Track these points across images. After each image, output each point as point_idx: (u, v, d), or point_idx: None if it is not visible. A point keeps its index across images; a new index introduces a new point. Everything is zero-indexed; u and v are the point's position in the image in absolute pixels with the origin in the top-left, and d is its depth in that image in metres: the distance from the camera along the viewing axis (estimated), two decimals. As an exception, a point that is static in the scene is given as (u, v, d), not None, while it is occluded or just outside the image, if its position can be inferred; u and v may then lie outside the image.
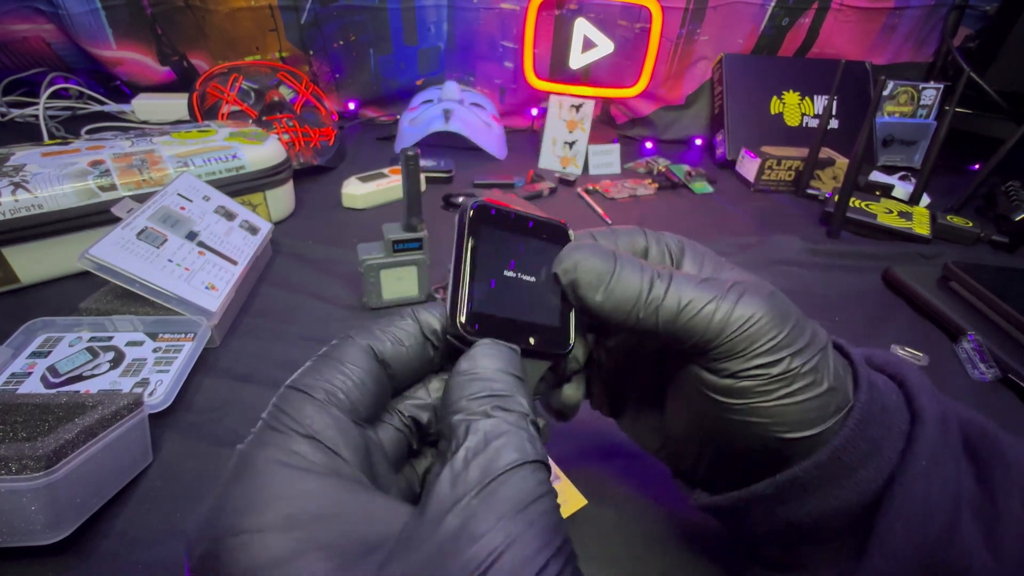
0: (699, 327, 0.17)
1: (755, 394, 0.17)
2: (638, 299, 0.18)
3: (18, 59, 0.92)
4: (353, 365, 0.17)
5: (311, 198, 0.74)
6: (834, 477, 0.18)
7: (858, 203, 0.76)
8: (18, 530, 0.27)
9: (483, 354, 0.17)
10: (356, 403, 0.16)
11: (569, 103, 0.89)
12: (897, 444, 0.18)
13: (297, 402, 0.16)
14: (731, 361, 0.17)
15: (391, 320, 0.19)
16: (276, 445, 0.15)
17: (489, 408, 0.15)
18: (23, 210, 0.48)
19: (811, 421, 0.18)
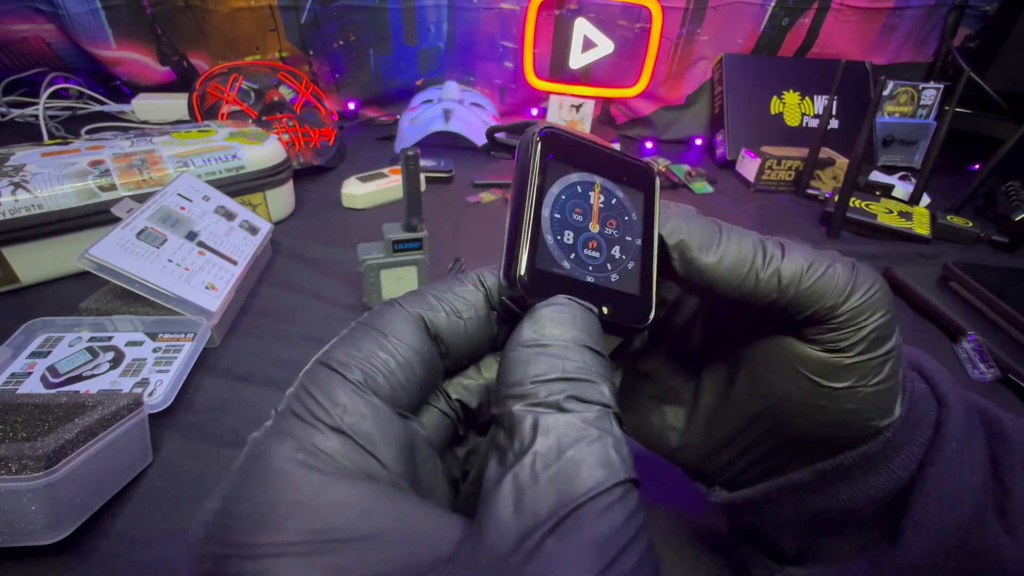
0: (823, 291, 0.16)
1: (859, 374, 0.17)
2: (754, 261, 0.16)
3: (18, 59, 0.92)
4: (399, 340, 0.14)
5: (311, 198, 0.74)
6: (872, 465, 0.18)
7: (858, 203, 0.76)
8: (18, 530, 0.27)
9: (553, 318, 0.14)
10: (399, 388, 0.13)
11: (569, 103, 0.89)
12: (927, 431, 0.18)
13: (328, 383, 0.13)
14: (846, 333, 0.16)
15: (448, 285, 0.16)
16: (298, 438, 0.12)
17: (563, 399, 0.12)
18: (23, 210, 0.48)
19: (890, 408, 0.17)
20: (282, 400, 0.13)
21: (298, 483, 0.11)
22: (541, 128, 0.16)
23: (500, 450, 0.12)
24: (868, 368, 0.17)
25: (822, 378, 0.17)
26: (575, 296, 0.15)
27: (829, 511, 0.19)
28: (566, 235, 0.16)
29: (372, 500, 0.11)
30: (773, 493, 0.20)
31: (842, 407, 0.17)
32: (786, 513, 0.21)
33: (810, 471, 0.19)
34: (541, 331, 0.13)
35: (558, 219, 0.16)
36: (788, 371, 0.18)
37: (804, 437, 0.19)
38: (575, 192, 0.16)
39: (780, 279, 0.16)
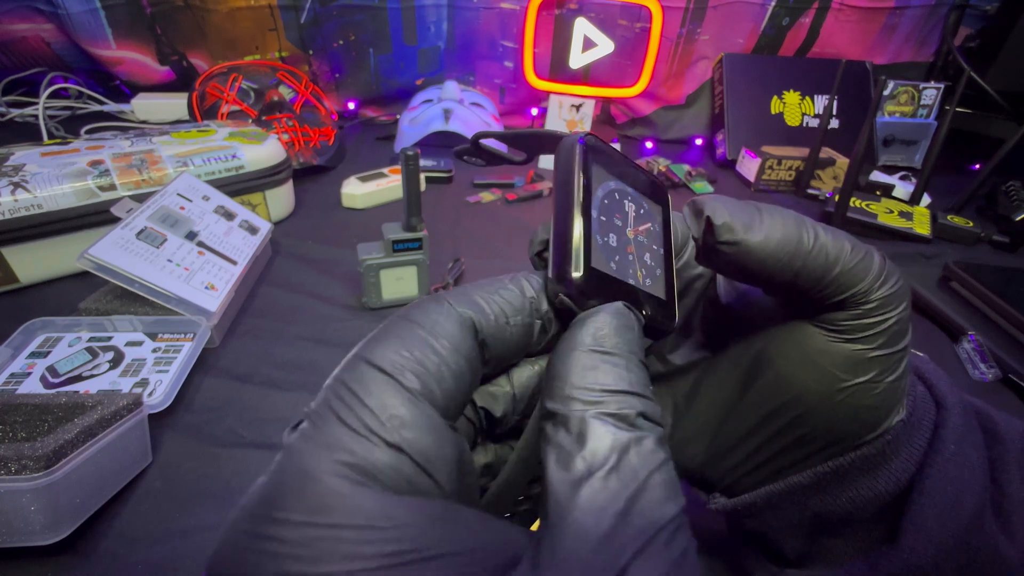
0: (864, 273, 0.15)
1: (881, 369, 0.16)
2: (800, 238, 0.15)
3: (18, 59, 0.92)
4: (449, 344, 0.13)
5: (311, 198, 0.73)
6: (872, 467, 0.18)
7: (858, 203, 0.76)
8: (18, 530, 0.27)
9: (615, 325, 0.13)
10: (451, 399, 0.13)
11: (569, 103, 0.89)
12: (926, 433, 0.18)
13: (380, 390, 0.12)
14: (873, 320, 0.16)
15: (495, 287, 0.15)
16: (349, 451, 0.11)
17: (633, 415, 0.12)
18: (22, 210, 0.47)
19: (899, 406, 0.17)
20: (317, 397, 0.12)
21: (358, 503, 0.10)
22: (581, 135, 0.16)
23: (564, 453, 0.12)
24: (888, 363, 0.16)
25: (844, 372, 0.17)
26: (622, 299, 0.15)
27: (829, 513, 0.19)
28: (611, 238, 0.16)
29: (436, 517, 0.11)
30: (774, 497, 0.20)
31: (859, 403, 0.17)
32: (786, 516, 0.21)
33: (810, 474, 0.19)
34: (603, 337, 0.13)
35: (604, 221, 0.16)
36: (808, 366, 0.18)
37: (818, 434, 0.19)
38: (613, 198, 0.16)
39: (828, 256, 0.15)
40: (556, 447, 0.12)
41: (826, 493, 0.19)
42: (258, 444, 0.37)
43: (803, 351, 0.18)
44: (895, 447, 0.18)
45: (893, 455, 0.18)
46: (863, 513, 0.19)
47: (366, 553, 0.10)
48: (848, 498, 0.19)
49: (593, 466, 0.11)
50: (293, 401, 0.40)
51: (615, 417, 0.12)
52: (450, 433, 0.12)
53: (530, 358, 0.17)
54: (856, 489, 0.18)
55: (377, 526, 0.10)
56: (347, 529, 0.10)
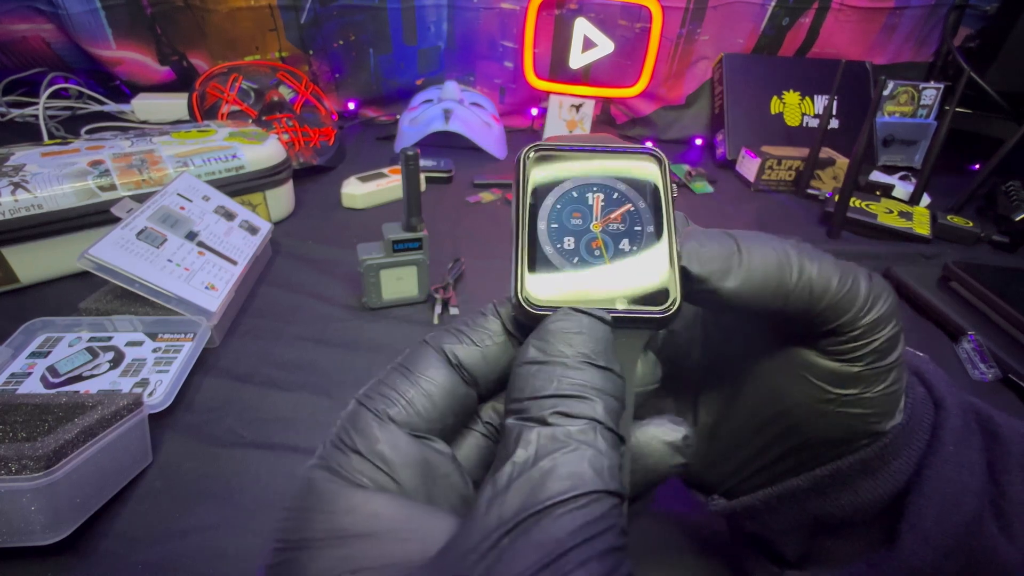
0: (849, 305, 0.16)
1: (867, 382, 0.17)
2: (781, 277, 0.15)
3: (18, 59, 0.92)
4: (419, 373, 0.16)
5: (311, 198, 0.74)
6: (871, 470, 0.18)
7: (858, 203, 0.76)
8: (18, 530, 0.27)
9: (556, 332, 0.14)
10: (415, 415, 0.15)
11: (569, 103, 0.89)
12: (924, 435, 0.18)
13: (354, 416, 0.15)
14: (860, 344, 0.16)
15: (471, 318, 0.17)
16: (328, 459, 0.15)
17: (548, 414, 0.13)
18: (23, 210, 0.48)
19: (894, 411, 0.18)
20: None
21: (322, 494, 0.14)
22: (530, 146, 0.16)
23: (497, 459, 0.13)
24: (876, 376, 0.17)
25: (831, 386, 0.17)
26: (587, 297, 0.15)
27: (829, 516, 0.19)
28: (566, 241, 0.16)
29: (383, 506, 0.13)
30: (773, 500, 0.20)
31: (849, 412, 0.17)
32: (786, 519, 0.21)
33: (808, 477, 0.19)
34: (545, 347, 0.14)
35: (555, 228, 0.16)
36: (797, 379, 0.18)
37: (811, 442, 0.19)
38: (571, 199, 0.16)
39: (812, 292, 0.16)
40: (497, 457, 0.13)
41: (825, 496, 0.19)
42: (258, 444, 0.37)
43: (791, 369, 0.18)
44: (893, 450, 0.18)
45: (892, 457, 0.18)
46: (863, 515, 0.19)
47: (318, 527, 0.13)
48: (847, 501, 0.19)
49: (499, 465, 0.13)
50: (293, 401, 0.40)
51: (531, 420, 0.13)
52: (412, 442, 0.15)
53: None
54: (855, 492, 0.18)
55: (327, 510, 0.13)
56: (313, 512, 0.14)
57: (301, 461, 0.35)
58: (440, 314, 0.51)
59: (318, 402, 0.40)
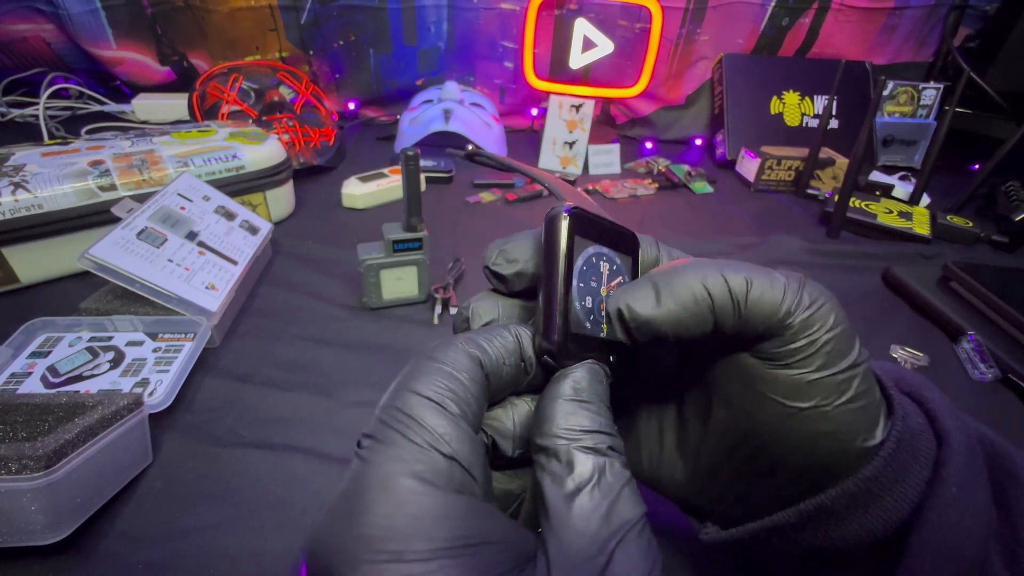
0: (770, 304, 0.16)
1: (823, 392, 0.17)
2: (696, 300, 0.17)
3: (18, 59, 0.92)
4: (468, 377, 0.16)
5: (311, 198, 0.74)
6: (860, 504, 0.17)
7: (858, 203, 0.76)
8: (18, 530, 0.27)
9: (587, 379, 0.17)
10: (476, 418, 0.16)
11: (569, 103, 0.89)
12: (924, 471, 0.18)
13: (430, 414, 0.15)
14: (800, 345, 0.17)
15: (493, 333, 0.18)
16: (416, 461, 0.14)
17: (605, 448, 0.16)
18: (23, 210, 0.48)
19: (869, 430, 0.17)
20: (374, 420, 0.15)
21: (432, 500, 0.14)
22: (566, 207, 0.18)
23: (555, 476, 0.15)
24: (832, 385, 0.17)
25: (787, 399, 0.17)
26: (595, 350, 0.18)
27: (821, 549, 0.19)
28: (587, 300, 0.19)
29: (477, 516, 0.14)
30: (762, 534, 0.20)
31: (815, 429, 0.17)
32: (778, 550, 0.20)
33: (794, 512, 0.18)
34: (580, 390, 0.17)
35: (581, 287, 0.18)
36: (757, 397, 0.18)
37: (784, 465, 0.19)
38: (591, 263, 0.19)
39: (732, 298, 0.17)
40: (550, 472, 0.15)
41: (815, 531, 0.18)
42: (258, 444, 0.37)
43: (745, 382, 0.18)
44: (882, 484, 0.17)
45: (884, 493, 0.17)
46: (858, 549, 0.18)
47: (439, 536, 0.13)
48: (838, 535, 0.18)
49: (580, 484, 0.15)
50: (293, 401, 0.40)
51: (592, 449, 0.16)
52: (480, 444, 0.16)
53: (516, 396, 0.20)
54: (845, 527, 0.18)
55: (445, 516, 0.13)
56: (427, 518, 0.13)
57: (301, 461, 0.35)
58: (440, 314, 0.51)
59: (318, 402, 0.40)
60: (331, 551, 0.13)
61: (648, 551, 0.15)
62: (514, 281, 0.20)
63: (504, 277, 0.20)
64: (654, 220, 0.76)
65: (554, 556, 0.14)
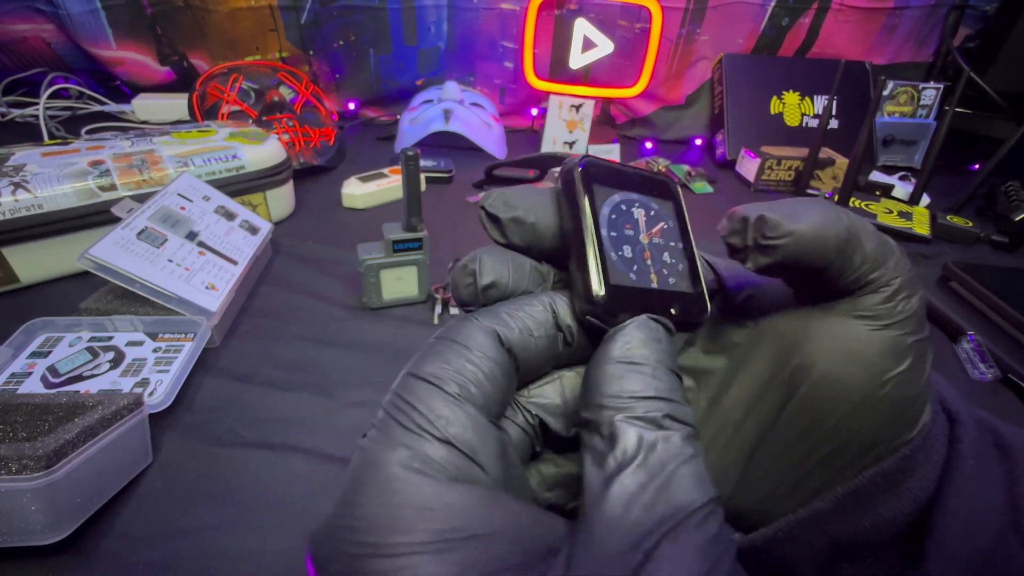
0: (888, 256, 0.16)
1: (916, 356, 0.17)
2: (838, 221, 0.16)
3: (18, 59, 0.92)
4: (481, 352, 0.15)
5: (311, 198, 0.74)
6: (890, 487, 0.17)
7: (858, 203, 0.76)
8: (18, 530, 0.27)
9: (640, 338, 0.15)
10: (489, 398, 0.14)
11: (569, 103, 0.89)
12: (942, 448, 0.18)
13: (427, 396, 0.14)
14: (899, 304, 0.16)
15: (519, 304, 0.16)
16: (409, 448, 0.13)
17: (660, 416, 0.13)
18: (23, 210, 0.48)
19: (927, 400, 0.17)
20: (379, 411, 0.14)
21: (417, 489, 0.12)
22: (579, 159, 0.17)
23: (597, 454, 0.13)
24: (922, 349, 0.16)
25: (888, 361, 0.17)
26: (646, 304, 0.16)
27: (849, 538, 0.19)
28: (625, 249, 0.17)
29: (482, 502, 0.13)
30: (795, 527, 0.19)
31: (901, 395, 0.17)
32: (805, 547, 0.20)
33: (830, 497, 0.18)
34: (631, 350, 0.15)
35: (615, 236, 0.17)
36: (852, 360, 0.17)
37: (858, 438, 0.18)
38: (620, 210, 0.18)
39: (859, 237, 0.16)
40: (591, 449, 0.14)
41: (845, 518, 0.18)
42: (258, 444, 0.37)
43: (844, 345, 0.17)
44: (912, 462, 0.17)
45: (911, 472, 0.17)
46: (881, 536, 0.18)
47: (423, 528, 0.12)
48: (868, 522, 0.18)
49: (623, 463, 0.13)
50: (293, 401, 0.40)
51: (642, 420, 0.13)
52: (491, 428, 0.14)
53: (561, 369, 0.18)
54: (875, 511, 0.18)
55: (431, 508, 0.12)
56: (408, 509, 0.12)
57: (302, 461, 0.35)
58: (440, 314, 0.51)
59: (318, 402, 0.40)
60: (322, 543, 0.13)
61: (710, 547, 0.12)
62: (510, 227, 0.18)
63: (499, 220, 0.18)
64: (654, 220, 0.76)
65: (579, 549, 0.12)
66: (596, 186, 0.17)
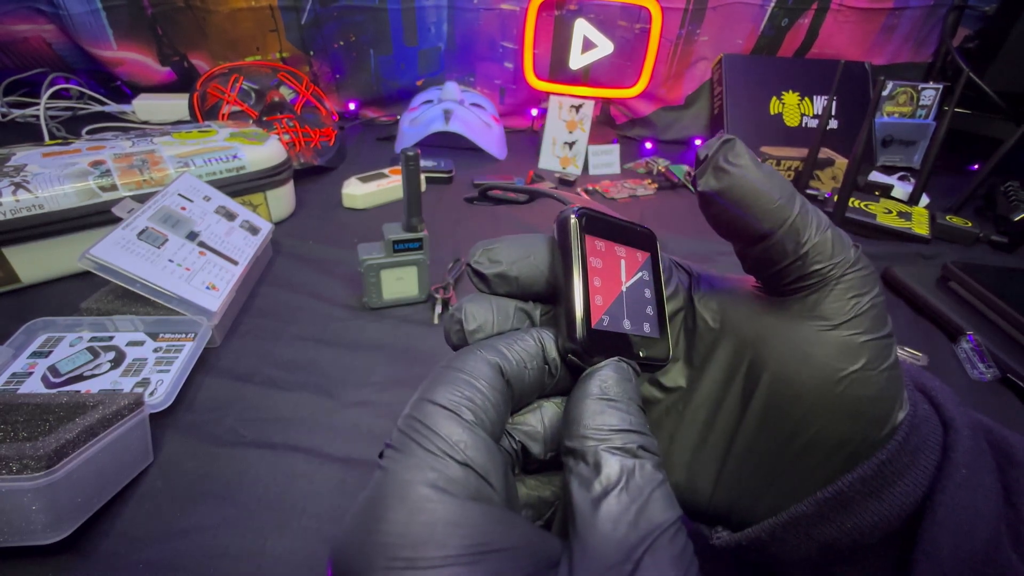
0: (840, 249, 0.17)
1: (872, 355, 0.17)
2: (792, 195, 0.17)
3: (19, 59, 0.92)
4: (487, 384, 0.16)
5: (311, 198, 0.74)
6: (875, 491, 0.18)
7: (857, 203, 0.76)
8: (19, 530, 0.27)
9: (614, 377, 0.17)
10: (495, 425, 0.16)
11: (569, 103, 0.89)
12: (933, 455, 0.18)
13: (444, 422, 0.15)
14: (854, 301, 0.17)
15: (513, 338, 0.18)
16: (433, 469, 0.14)
17: (636, 448, 0.15)
18: (24, 210, 0.48)
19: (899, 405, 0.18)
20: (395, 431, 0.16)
21: (446, 507, 0.14)
22: (575, 210, 0.19)
23: (583, 479, 0.15)
24: (878, 349, 0.17)
25: (840, 360, 0.17)
26: (620, 346, 0.18)
27: (836, 542, 0.19)
28: (605, 296, 0.19)
29: (500, 519, 0.14)
30: (778, 530, 0.19)
31: (859, 394, 0.17)
32: (792, 549, 0.20)
33: (812, 501, 0.18)
34: (607, 388, 0.17)
35: (598, 285, 0.19)
36: (804, 360, 0.18)
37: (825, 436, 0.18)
38: (606, 260, 0.19)
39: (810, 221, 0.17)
40: (577, 475, 0.15)
41: (829, 522, 0.18)
42: (259, 444, 0.37)
43: (796, 346, 0.18)
44: (896, 468, 0.17)
45: (896, 477, 0.17)
46: (870, 539, 0.18)
47: (453, 543, 0.13)
48: (853, 525, 0.18)
49: (608, 487, 0.15)
50: (294, 401, 0.40)
51: (621, 450, 0.15)
52: (499, 451, 0.16)
53: (542, 399, 0.20)
54: (860, 516, 0.18)
55: (460, 523, 0.13)
56: (441, 525, 0.13)
57: (302, 460, 0.35)
58: (440, 314, 0.51)
59: (318, 402, 0.40)
60: (351, 557, 0.13)
61: (680, 558, 0.14)
62: (495, 282, 0.19)
63: (485, 276, 0.19)
64: (654, 220, 0.77)
65: (577, 562, 0.14)
66: (588, 236, 0.19)
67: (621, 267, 0.20)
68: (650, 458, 0.15)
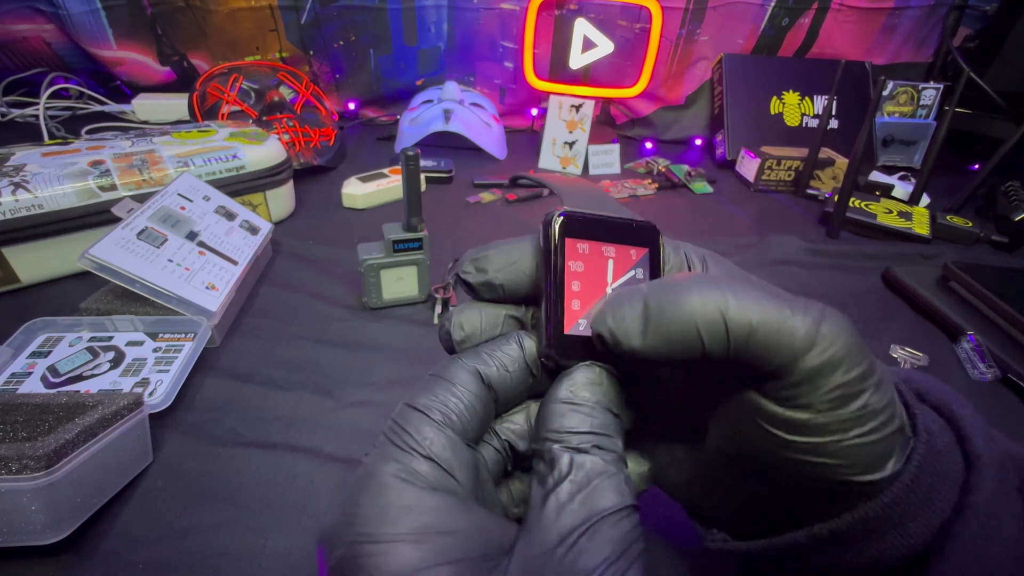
0: (776, 348, 0.15)
1: (827, 432, 0.15)
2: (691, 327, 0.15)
3: (18, 59, 0.92)
4: (463, 388, 0.18)
5: (311, 198, 0.74)
6: (878, 531, 0.16)
7: (858, 203, 0.76)
8: (18, 530, 0.27)
9: (582, 382, 0.18)
10: (466, 425, 0.17)
11: (569, 103, 0.89)
12: (951, 495, 0.16)
13: (416, 422, 0.17)
14: (805, 389, 0.15)
15: (497, 344, 0.19)
16: (398, 461, 0.16)
17: (589, 446, 0.16)
18: (23, 210, 0.48)
19: (877, 463, 0.15)
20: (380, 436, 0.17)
21: (402, 493, 0.15)
22: (560, 212, 0.19)
23: (541, 476, 0.16)
24: (836, 426, 0.15)
25: (785, 432, 0.16)
26: (596, 351, 0.18)
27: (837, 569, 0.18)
28: (585, 301, 0.19)
29: (455, 508, 0.16)
30: (772, 552, 0.19)
31: (813, 461, 0.16)
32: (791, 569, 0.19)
33: (806, 534, 0.17)
34: (575, 391, 0.17)
35: (578, 290, 0.19)
36: (750, 427, 0.17)
37: (786, 488, 0.17)
38: (593, 261, 0.19)
39: (729, 341, 0.15)
40: (537, 473, 0.17)
41: (825, 554, 0.17)
42: (259, 443, 0.37)
43: (742, 412, 0.17)
44: (905, 511, 0.16)
45: (906, 519, 0.16)
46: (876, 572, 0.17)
47: (403, 523, 0.15)
48: (852, 559, 0.17)
49: (558, 480, 0.16)
50: (294, 400, 0.40)
51: (575, 448, 0.16)
52: (467, 449, 0.17)
53: (530, 400, 0.20)
54: (861, 553, 0.17)
55: (412, 507, 0.15)
56: (394, 508, 0.15)
57: (302, 460, 0.35)
58: (440, 314, 0.51)
59: (318, 402, 0.40)
60: (330, 534, 0.16)
61: (622, 539, 0.15)
62: (482, 290, 0.20)
63: (471, 285, 0.20)
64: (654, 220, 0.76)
65: (519, 549, 0.15)
66: (571, 239, 0.19)
67: (608, 268, 0.19)
68: (602, 454, 0.16)
